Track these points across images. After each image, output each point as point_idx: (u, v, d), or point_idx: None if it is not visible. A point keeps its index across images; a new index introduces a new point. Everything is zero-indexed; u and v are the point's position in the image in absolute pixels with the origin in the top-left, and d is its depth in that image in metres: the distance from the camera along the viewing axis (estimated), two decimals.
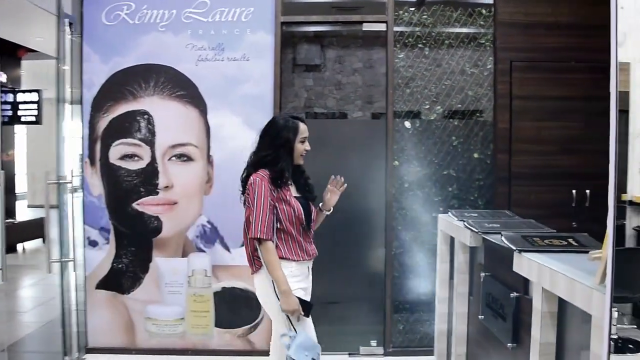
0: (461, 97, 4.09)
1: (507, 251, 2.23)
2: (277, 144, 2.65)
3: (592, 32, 3.95)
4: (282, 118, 2.74)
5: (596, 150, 3.98)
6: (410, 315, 4.06)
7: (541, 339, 1.85)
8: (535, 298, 1.91)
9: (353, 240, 4.14)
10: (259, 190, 2.55)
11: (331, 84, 5.38)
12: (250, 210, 2.58)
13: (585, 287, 1.55)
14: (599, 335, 1.41)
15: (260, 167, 2.64)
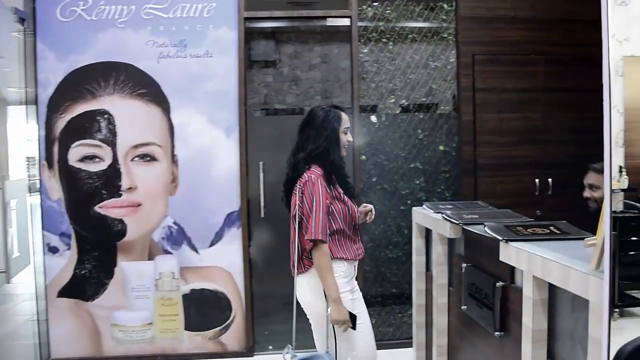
0: (425, 90, 4.18)
1: (490, 241, 2.27)
2: (325, 135, 2.51)
3: (550, 26, 4.12)
4: (323, 108, 2.59)
5: (556, 140, 4.17)
6: (382, 309, 4.11)
7: (533, 326, 1.90)
8: (526, 286, 1.96)
9: None
10: (317, 190, 2.41)
11: (290, 80, 5.40)
12: (306, 211, 2.43)
13: (581, 274, 1.59)
14: (597, 319, 1.47)
15: (311, 163, 2.50)
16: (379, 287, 4.12)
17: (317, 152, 2.49)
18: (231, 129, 3.92)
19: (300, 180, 2.47)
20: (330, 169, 2.50)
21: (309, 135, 2.53)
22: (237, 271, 3.90)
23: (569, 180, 4.14)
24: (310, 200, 2.41)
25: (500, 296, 2.22)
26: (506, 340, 2.22)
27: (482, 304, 2.40)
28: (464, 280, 2.63)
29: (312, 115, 2.58)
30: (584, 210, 3.84)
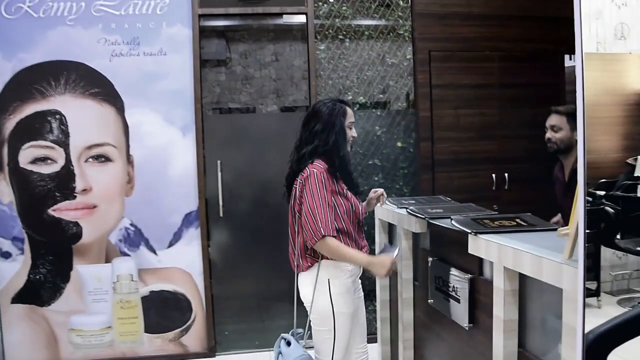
0: (382, 87, 4.22)
1: (457, 234, 2.32)
2: (332, 130, 2.46)
3: (504, 23, 4.20)
4: (326, 103, 2.54)
5: (511, 135, 4.27)
6: None
7: (504, 317, 1.97)
8: (497, 278, 2.01)
9: (282, 235, 4.17)
10: (320, 184, 2.36)
11: (243, 79, 5.39)
12: (306, 206, 2.36)
13: (554, 263, 1.65)
14: (571, 307, 1.53)
15: (316, 157, 2.44)
16: None
17: (326, 149, 2.44)
18: (187, 127, 3.89)
19: (302, 174, 2.41)
20: (338, 165, 2.45)
21: (315, 131, 2.47)
22: (197, 272, 3.90)
23: (524, 174, 4.26)
24: (311, 195, 2.35)
25: (469, 289, 2.28)
26: (475, 331, 2.29)
27: (450, 297, 2.46)
28: (430, 274, 2.68)
29: (316, 110, 2.52)
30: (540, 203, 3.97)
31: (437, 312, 2.65)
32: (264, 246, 4.07)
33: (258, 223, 4.10)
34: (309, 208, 2.34)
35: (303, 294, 2.55)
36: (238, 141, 4.12)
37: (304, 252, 2.47)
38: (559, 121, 2.92)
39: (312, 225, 2.32)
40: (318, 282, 2.44)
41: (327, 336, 2.46)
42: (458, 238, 2.37)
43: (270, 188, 4.21)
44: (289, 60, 4.68)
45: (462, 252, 2.33)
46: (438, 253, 2.68)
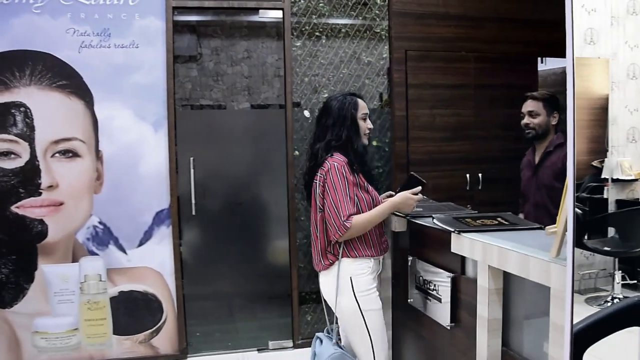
0: (358, 85, 4.22)
1: (439, 233, 2.34)
2: (344, 124, 2.47)
3: (480, 24, 4.26)
4: (337, 97, 2.56)
5: (486, 136, 4.33)
6: (317, 305, 4.15)
7: (489, 316, 1.98)
8: (481, 277, 2.03)
9: (256, 233, 4.15)
10: (341, 177, 2.36)
11: (215, 75, 5.32)
12: (329, 200, 2.36)
13: (542, 262, 1.66)
14: (559, 305, 1.55)
15: (332, 152, 2.44)
16: (312, 283, 4.15)
17: (339, 143, 2.44)
18: (159, 123, 3.80)
19: (323, 168, 2.42)
20: (354, 158, 2.45)
21: (327, 126, 2.49)
22: (168, 271, 3.81)
23: (498, 174, 4.33)
24: (333, 188, 2.35)
25: (451, 288, 2.29)
26: (457, 330, 2.30)
27: (431, 296, 2.47)
28: (410, 274, 2.69)
29: (327, 105, 2.55)
30: (513, 204, 4.04)
31: (417, 311, 2.66)
32: (237, 245, 4.02)
33: (231, 221, 4.05)
34: (332, 202, 2.36)
35: (325, 292, 2.55)
36: (210, 138, 4.06)
37: (324, 250, 2.47)
38: (536, 106, 3.01)
39: (335, 219, 2.34)
40: (340, 282, 2.43)
41: (362, 337, 2.44)
42: (439, 237, 2.38)
43: (244, 186, 4.17)
44: (262, 58, 4.64)
45: (443, 251, 2.34)
46: (418, 252, 2.68)
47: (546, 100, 3.01)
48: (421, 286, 2.58)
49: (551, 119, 3.01)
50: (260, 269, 4.14)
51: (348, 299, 2.42)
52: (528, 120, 3.04)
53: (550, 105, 3.01)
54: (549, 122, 3.00)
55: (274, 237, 4.14)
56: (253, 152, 4.15)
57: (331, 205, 2.35)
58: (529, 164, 3.15)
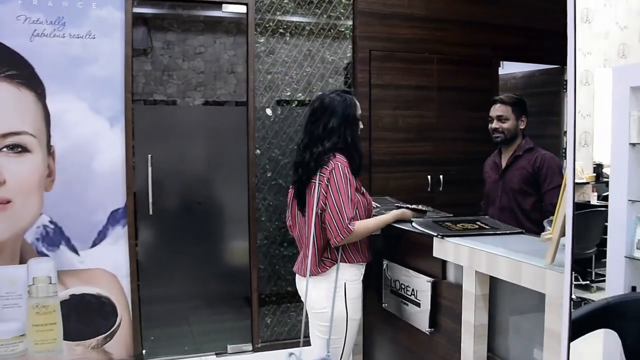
0: (322, 84, 4.21)
1: (417, 237, 2.34)
2: (347, 125, 2.39)
3: (443, 26, 4.33)
4: (334, 96, 2.43)
5: (448, 137, 4.40)
6: (277, 308, 4.10)
7: (475, 322, 1.97)
8: (467, 282, 2.01)
9: (215, 234, 4.07)
10: (345, 178, 2.29)
11: (169, 69, 5.21)
12: (331, 201, 2.27)
13: (536, 268, 1.65)
14: (555, 312, 1.54)
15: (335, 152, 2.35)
16: (273, 285, 4.10)
17: (345, 145, 2.37)
18: (116, 118, 3.67)
19: (326, 167, 2.32)
20: (357, 161, 2.41)
21: (332, 127, 2.38)
22: (123, 273, 3.68)
23: (458, 176, 4.40)
24: (337, 189, 2.28)
25: (431, 292, 2.28)
26: (437, 336, 2.29)
27: (409, 301, 2.45)
28: (384, 277, 2.67)
29: (327, 104, 2.42)
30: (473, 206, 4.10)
31: (392, 316, 2.64)
32: (196, 246, 3.94)
33: (189, 221, 3.97)
34: (334, 203, 2.28)
35: (313, 298, 2.42)
36: (168, 135, 3.96)
37: (321, 254, 2.38)
38: (505, 111, 3.01)
39: (337, 221, 2.27)
40: (333, 287, 2.36)
41: (337, 345, 2.40)
42: (418, 241, 2.37)
43: (203, 185, 4.10)
44: (218, 53, 4.57)
45: (423, 256, 2.33)
46: (394, 256, 2.65)
47: (515, 104, 3.02)
48: (397, 291, 2.56)
49: (519, 123, 3.03)
50: (219, 270, 4.07)
51: (339, 306, 2.37)
52: (497, 125, 3.05)
53: (518, 110, 3.03)
54: (517, 126, 3.02)
55: (233, 238, 4.08)
56: (212, 150, 4.08)
57: (334, 206, 2.28)
58: (495, 167, 3.16)
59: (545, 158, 2.90)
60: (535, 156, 2.94)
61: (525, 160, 2.97)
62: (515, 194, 2.96)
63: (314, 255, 2.38)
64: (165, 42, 4.97)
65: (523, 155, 2.99)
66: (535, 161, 2.91)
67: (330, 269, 2.37)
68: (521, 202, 2.93)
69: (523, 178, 2.93)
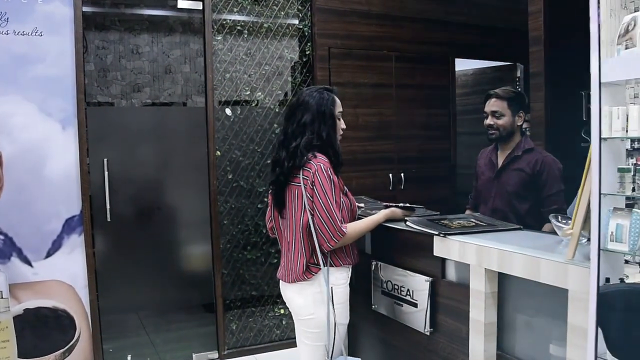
0: (281, 83, 4.18)
1: (412, 236, 2.32)
2: (322, 121, 2.31)
3: (400, 24, 4.40)
4: (312, 92, 2.37)
5: (407, 135, 4.47)
6: (242, 313, 4.04)
7: (485, 320, 1.96)
8: (476, 280, 2.00)
9: (176, 239, 3.97)
10: (329, 179, 2.22)
11: (114, 69, 5.05)
12: (319, 205, 2.20)
13: (556, 264, 1.66)
14: (580, 307, 1.57)
15: (313, 151, 2.27)
16: (237, 290, 4.04)
17: (320, 142, 2.30)
18: (68, 120, 3.50)
19: (309, 169, 2.25)
20: (335, 158, 2.33)
21: (304, 123, 2.31)
22: (81, 284, 3.52)
23: (418, 174, 4.48)
24: (323, 192, 2.21)
25: (430, 292, 2.26)
26: (437, 336, 2.27)
27: (404, 302, 2.43)
28: (373, 279, 2.64)
29: (302, 100, 2.36)
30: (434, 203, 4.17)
31: (383, 317, 2.61)
32: (157, 252, 3.83)
33: (149, 227, 3.85)
34: (323, 206, 2.22)
35: (300, 304, 2.36)
36: (123, 137, 3.83)
37: (308, 259, 2.31)
38: (501, 106, 2.85)
39: (329, 226, 2.22)
40: (322, 292, 2.31)
41: (321, 349, 2.34)
42: (414, 240, 2.35)
43: (162, 189, 3.99)
44: (166, 52, 4.47)
45: (418, 255, 2.33)
46: (385, 256, 2.62)
47: (511, 99, 2.87)
48: (389, 292, 2.53)
49: (516, 119, 2.87)
50: (182, 276, 3.97)
51: (321, 311, 2.32)
52: (491, 121, 2.88)
53: (515, 104, 2.87)
54: (514, 122, 2.87)
55: (195, 243, 3.99)
56: (170, 152, 3.97)
57: (323, 210, 2.22)
58: (491, 165, 3.02)
59: (546, 162, 2.78)
60: (535, 158, 2.81)
61: (524, 162, 2.83)
62: (510, 197, 2.85)
63: (299, 260, 2.32)
64: (106, 41, 4.81)
65: (522, 156, 2.85)
66: (536, 164, 2.79)
67: (316, 274, 2.32)
68: (516, 206, 2.82)
69: (521, 181, 2.82)
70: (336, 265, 2.35)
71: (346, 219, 2.36)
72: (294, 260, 2.34)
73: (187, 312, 4.01)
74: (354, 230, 2.32)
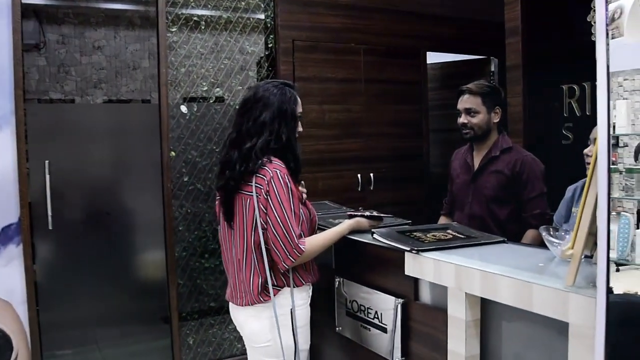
0: (242, 78, 3.97)
1: (380, 251, 2.09)
2: (282, 121, 2.07)
3: (369, 15, 4.21)
4: (270, 88, 2.12)
5: (376, 133, 4.29)
6: (200, 327, 3.82)
7: (466, 353, 1.71)
8: (454, 306, 1.75)
9: (126, 248, 3.72)
10: (286, 189, 1.99)
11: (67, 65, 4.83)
12: (277, 218, 1.97)
13: (554, 291, 1.41)
14: (584, 344, 1.33)
15: (269, 155, 2.04)
16: (194, 302, 3.82)
17: (278, 145, 2.06)
18: (4, 119, 3.24)
19: (263, 176, 2.01)
20: (294, 166, 2.09)
21: (262, 121, 2.06)
22: (19, 299, 3.26)
23: (389, 174, 4.30)
24: (279, 203, 1.98)
25: (401, 316, 2.02)
26: None
27: (371, 325, 2.19)
28: (337, 297, 2.40)
29: (260, 95, 2.11)
30: (405, 205, 4.02)
31: (349, 342, 2.37)
32: (105, 262, 3.57)
33: (97, 235, 3.59)
34: (278, 219, 1.98)
35: (255, 330, 2.12)
36: (69, 137, 3.57)
37: (264, 280, 2.06)
38: (475, 103, 2.67)
39: (285, 242, 1.99)
40: (281, 317, 2.07)
41: None
42: (382, 255, 2.11)
43: (111, 193, 3.73)
44: (121, 47, 4.23)
45: (388, 272, 2.09)
46: (349, 272, 2.37)
47: (486, 94, 2.68)
48: (355, 313, 2.29)
49: (493, 116, 2.70)
50: (134, 288, 3.72)
51: (286, 336, 2.09)
52: (465, 119, 2.70)
53: (490, 100, 2.69)
54: (490, 120, 2.69)
55: (148, 251, 3.75)
56: (120, 153, 3.72)
57: (278, 225, 1.99)
58: (466, 167, 2.83)
59: (527, 161, 2.61)
60: (514, 158, 2.63)
61: (502, 163, 2.66)
62: (489, 202, 2.66)
63: (254, 281, 2.08)
64: (60, 36, 4.56)
65: (500, 156, 2.68)
66: (515, 164, 2.61)
67: (274, 296, 2.08)
68: (495, 211, 2.64)
69: (499, 183, 2.63)
70: (297, 284, 2.12)
71: (305, 233, 2.13)
72: (246, 280, 2.10)
73: (140, 325, 3.77)
74: (313, 246, 2.07)
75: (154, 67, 5.20)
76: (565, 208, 2.42)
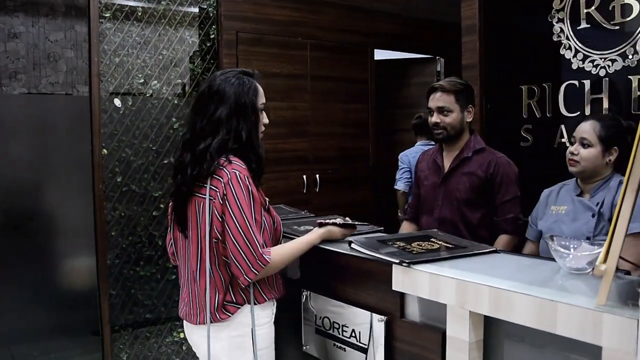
0: (180, 71, 3.77)
1: (357, 261, 1.90)
2: (241, 116, 1.86)
3: (317, 8, 4.12)
4: (228, 78, 1.90)
5: (323, 132, 4.19)
6: (135, 340, 3.60)
7: None
8: (455, 326, 1.59)
9: (52, 255, 3.48)
10: (247, 193, 1.78)
11: None
12: (237, 227, 1.76)
13: (584, 311, 1.28)
14: None
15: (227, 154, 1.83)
16: (129, 313, 3.59)
17: (238, 144, 1.85)
18: None
19: (219, 178, 1.80)
20: (256, 167, 1.88)
21: (218, 118, 1.84)
22: None
23: (335, 175, 4.22)
24: (239, 209, 1.77)
25: (385, 334, 1.84)
26: None
27: (346, 344, 2.01)
28: (304, 312, 2.20)
29: (216, 87, 1.88)
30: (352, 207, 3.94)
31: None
32: (28, 271, 3.34)
33: (18, 242, 3.33)
34: (240, 229, 1.77)
35: (211, 352, 1.90)
36: None
37: (222, 296, 1.87)
38: (448, 101, 2.55)
39: (247, 253, 1.78)
40: (239, 338, 1.88)
41: None
42: (356, 266, 1.93)
43: (34, 196, 3.47)
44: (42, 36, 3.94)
45: (366, 286, 1.90)
46: (319, 285, 2.16)
47: (459, 92, 2.57)
48: (326, 330, 2.10)
49: (466, 115, 2.59)
50: (61, 298, 3.49)
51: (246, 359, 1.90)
52: (438, 119, 2.57)
53: (464, 98, 2.59)
54: (463, 119, 2.58)
55: (77, 258, 3.52)
56: (45, 151, 3.46)
57: (238, 234, 1.78)
58: (436, 169, 2.70)
59: (501, 163, 2.52)
60: (488, 160, 2.54)
61: (475, 164, 2.55)
62: (460, 205, 2.55)
63: (211, 298, 1.88)
64: None
65: (472, 157, 2.57)
66: (489, 166, 2.52)
67: (233, 314, 1.88)
68: (467, 215, 2.54)
69: (472, 186, 2.53)
70: (258, 301, 1.92)
71: (268, 243, 1.92)
72: (201, 295, 1.90)
73: (67, 339, 3.53)
74: (280, 256, 1.87)
75: (78, 58, 4.89)
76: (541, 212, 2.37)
